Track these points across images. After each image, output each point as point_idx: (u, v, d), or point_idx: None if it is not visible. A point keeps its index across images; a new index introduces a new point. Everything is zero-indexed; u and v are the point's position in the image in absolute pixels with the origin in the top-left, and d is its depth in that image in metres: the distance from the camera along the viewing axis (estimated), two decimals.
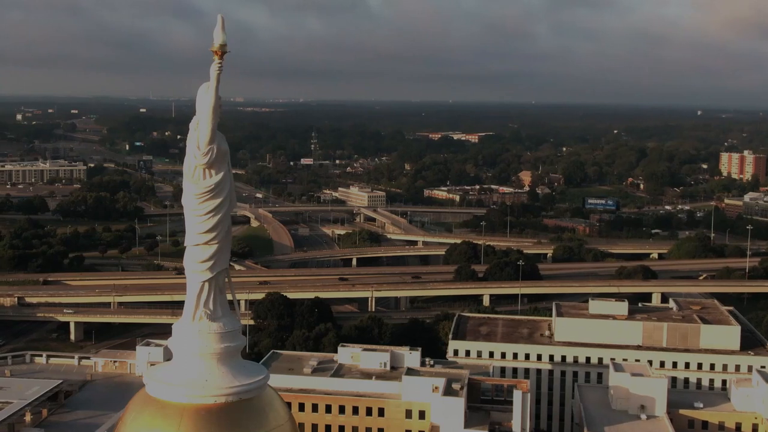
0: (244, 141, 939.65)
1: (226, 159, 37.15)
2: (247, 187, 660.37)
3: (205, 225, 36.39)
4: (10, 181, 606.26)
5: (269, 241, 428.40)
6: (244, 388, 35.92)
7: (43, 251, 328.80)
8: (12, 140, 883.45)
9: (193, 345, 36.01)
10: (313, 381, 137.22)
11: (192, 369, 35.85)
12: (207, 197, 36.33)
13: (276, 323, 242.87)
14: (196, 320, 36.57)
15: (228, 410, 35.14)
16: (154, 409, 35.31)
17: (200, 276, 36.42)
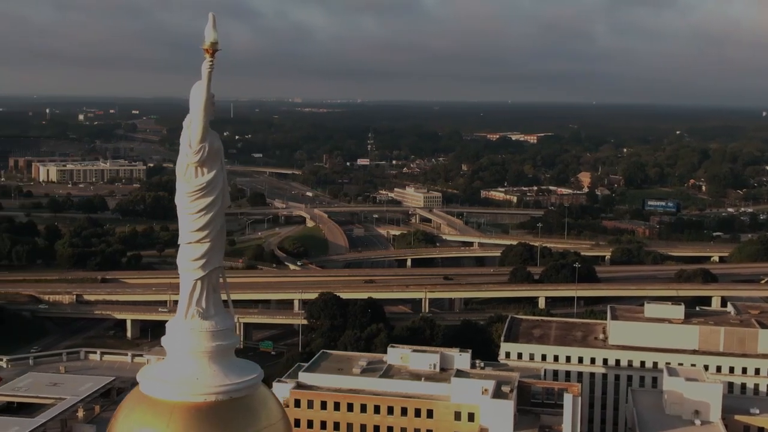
0: (302, 141, 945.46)
1: (219, 157, 37.07)
2: (304, 187, 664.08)
3: (197, 223, 36.29)
4: (72, 181, 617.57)
5: (324, 241, 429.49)
6: (234, 387, 35.66)
7: (101, 250, 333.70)
8: (74, 140, 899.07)
9: (184, 343, 36.05)
10: (362, 381, 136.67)
11: (183, 367, 35.87)
12: (198, 195, 36.24)
13: (329, 323, 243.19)
14: (188, 318, 36.55)
15: (218, 409, 34.97)
16: (145, 406, 35.43)
17: (192, 274, 36.42)
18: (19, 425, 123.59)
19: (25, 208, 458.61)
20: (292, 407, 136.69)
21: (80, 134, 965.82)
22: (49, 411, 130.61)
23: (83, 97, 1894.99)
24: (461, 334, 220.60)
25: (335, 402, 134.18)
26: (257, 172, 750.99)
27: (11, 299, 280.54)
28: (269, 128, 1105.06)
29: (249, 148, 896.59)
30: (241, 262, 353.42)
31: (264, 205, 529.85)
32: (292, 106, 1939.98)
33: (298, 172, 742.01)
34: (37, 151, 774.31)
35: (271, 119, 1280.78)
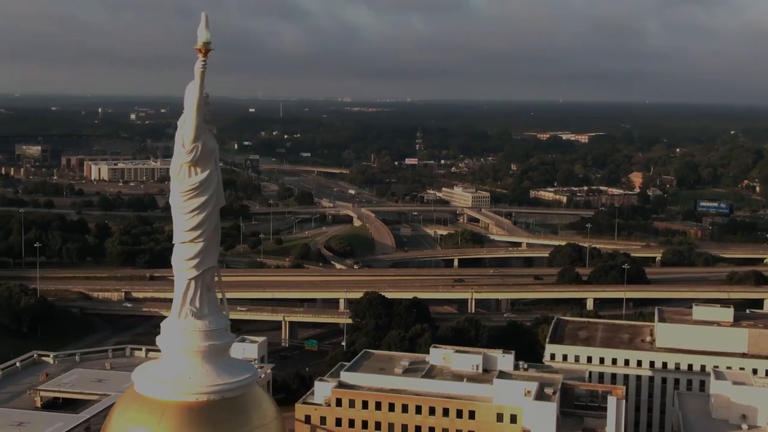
0: (350, 141, 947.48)
1: (213, 157, 36.61)
2: (351, 186, 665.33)
3: (190, 223, 36.50)
4: (122, 179, 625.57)
5: (371, 240, 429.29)
6: (227, 387, 35.74)
7: (150, 247, 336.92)
8: (125, 139, 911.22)
9: (178, 342, 35.87)
10: (404, 381, 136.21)
11: (176, 366, 36.22)
12: (191, 195, 36.06)
13: (374, 323, 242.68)
14: (182, 318, 36.41)
15: (209, 408, 34.97)
16: (138, 405, 35.62)
17: (186, 274, 36.16)
18: (63, 421, 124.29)
19: (76, 207, 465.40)
20: (333, 406, 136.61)
21: (132, 133, 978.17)
22: (93, 407, 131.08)
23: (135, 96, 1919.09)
24: (507, 335, 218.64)
25: (377, 402, 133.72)
26: (305, 172, 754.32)
27: (61, 296, 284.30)
28: (318, 127, 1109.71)
29: (297, 148, 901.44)
30: (288, 261, 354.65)
31: (311, 205, 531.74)
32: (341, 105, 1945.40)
33: (346, 171, 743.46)
34: (89, 150, 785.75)
35: (319, 119, 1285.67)
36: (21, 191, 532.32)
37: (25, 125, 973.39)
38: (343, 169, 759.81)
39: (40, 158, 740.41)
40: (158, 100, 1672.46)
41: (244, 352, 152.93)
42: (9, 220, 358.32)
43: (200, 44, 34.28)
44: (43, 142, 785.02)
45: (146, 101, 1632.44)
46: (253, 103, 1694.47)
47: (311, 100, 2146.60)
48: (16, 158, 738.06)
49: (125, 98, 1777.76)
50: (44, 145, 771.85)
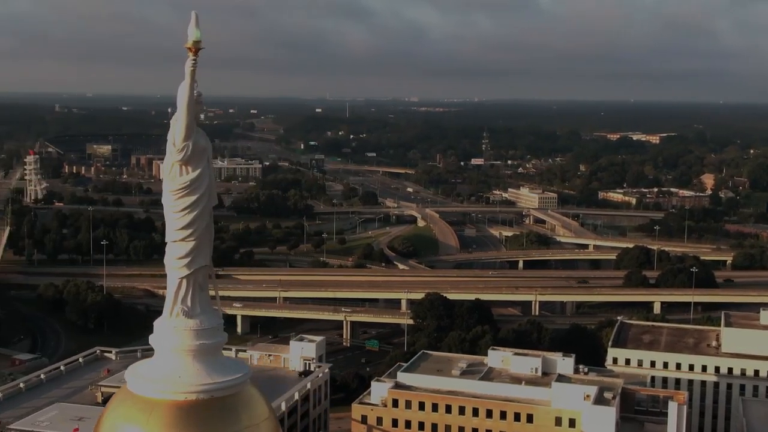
0: (416, 141, 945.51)
1: (205, 156, 36.43)
2: (412, 185, 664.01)
3: (181, 222, 36.20)
4: None
5: (435, 241, 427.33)
6: (216, 386, 35.52)
7: (215, 246, 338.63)
8: None
9: (169, 341, 36.07)
10: (461, 383, 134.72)
11: (167, 365, 36.00)
12: (182, 194, 36.00)
13: (435, 323, 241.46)
14: (173, 316, 36.28)
15: (198, 407, 34.82)
16: (129, 403, 35.57)
17: (178, 273, 36.13)
18: None
19: (144, 205, 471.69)
20: (389, 407, 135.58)
21: None
22: None
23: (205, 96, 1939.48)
24: (569, 338, 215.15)
25: (433, 403, 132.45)
26: (370, 171, 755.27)
27: (127, 293, 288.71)
28: (384, 127, 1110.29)
29: (363, 148, 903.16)
30: (351, 261, 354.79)
31: (376, 205, 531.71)
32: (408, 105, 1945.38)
33: (411, 171, 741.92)
34: (158, 149, 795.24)
35: (386, 118, 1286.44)
36: (91, 190, 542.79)
37: (97, 125, 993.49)
38: (408, 169, 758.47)
39: (110, 157, 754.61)
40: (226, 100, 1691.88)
41: (303, 351, 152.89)
42: (78, 218, 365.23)
43: (190, 43, 34.15)
44: (113, 141, 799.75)
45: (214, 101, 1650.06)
46: (321, 104, 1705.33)
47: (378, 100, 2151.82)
48: (87, 157, 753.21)
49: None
50: (114, 144, 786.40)
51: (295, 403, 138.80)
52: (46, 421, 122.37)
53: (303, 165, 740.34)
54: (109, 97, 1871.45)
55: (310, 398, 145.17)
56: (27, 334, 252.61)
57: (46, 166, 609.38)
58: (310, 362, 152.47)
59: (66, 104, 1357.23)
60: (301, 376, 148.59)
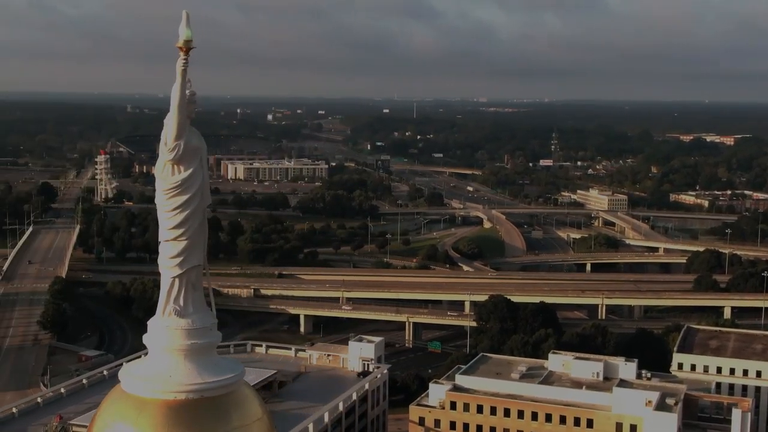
0: (484, 141, 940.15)
1: (198, 155, 36.44)
2: (483, 188, 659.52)
3: (173, 221, 36.27)
4: (257, 179, 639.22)
5: (500, 243, 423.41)
6: (207, 386, 35.30)
7: (279, 246, 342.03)
8: (261, 139, 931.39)
9: (161, 340, 36.08)
10: (520, 387, 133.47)
11: (159, 364, 36.01)
12: (174, 193, 36.08)
13: (498, 326, 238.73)
14: (165, 316, 36.42)
15: (188, 407, 34.73)
16: (121, 401, 35.65)
17: (170, 272, 36.32)
18: None
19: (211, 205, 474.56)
20: (447, 409, 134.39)
21: (268, 133, 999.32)
22: None
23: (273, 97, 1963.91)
24: (635, 342, 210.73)
25: (492, 406, 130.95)
26: (437, 172, 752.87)
27: None
28: (451, 128, 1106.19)
29: (430, 148, 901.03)
30: (415, 262, 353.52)
31: (441, 206, 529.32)
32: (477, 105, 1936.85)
33: (479, 172, 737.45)
34: (227, 149, 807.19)
35: (454, 119, 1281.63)
36: None
37: None
38: (475, 170, 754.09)
39: None
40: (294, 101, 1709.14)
41: (361, 352, 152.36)
42: (146, 217, 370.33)
43: (181, 42, 34.26)
44: None
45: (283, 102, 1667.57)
46: (389, 104, 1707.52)
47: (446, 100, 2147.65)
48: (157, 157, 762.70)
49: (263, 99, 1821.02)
50: None
51: (352, 404, 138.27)
52: None
53: (369, 165, 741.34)
54: None
55: (368, 399, 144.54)
56: (94, 331, 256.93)
57: (116, 166, 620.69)
58: (369, 363, 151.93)
59: (137, 105, 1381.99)
60: (360, 377, 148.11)
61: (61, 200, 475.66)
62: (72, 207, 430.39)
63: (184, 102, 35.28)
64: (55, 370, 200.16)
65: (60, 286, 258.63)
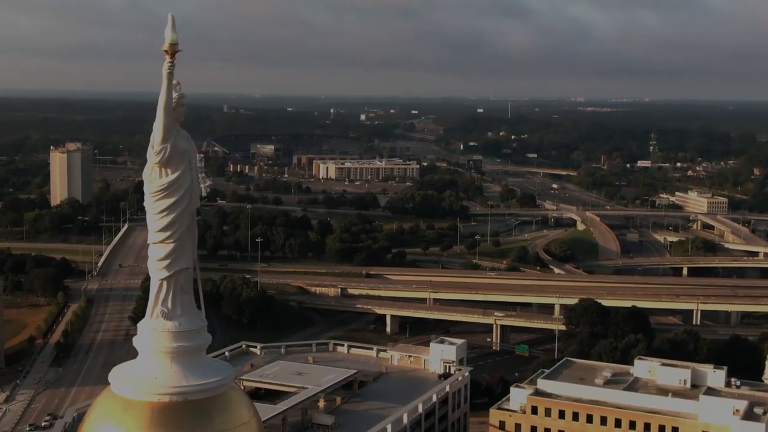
0: (580, 141, 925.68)
1: (186, 158, 37.02)
2: (579, 189, 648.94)
3: (160, 224, 36.32)
4: (348, 178, 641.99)
5: (594, 245, 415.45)
6: (191, 389, 35.18)
7: (368, 245, 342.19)
8: (353, 139, 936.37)
9: (148, 342, 36.03)
10: (604, 393, 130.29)
11: (146, 366, 35.99)
12: (160, 196, 36.22)
13: (588, 330, 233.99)
14: (153, 318, 36.52)
15: (171, 409, 34.77)
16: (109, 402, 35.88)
17: (158, 274, 36.99)
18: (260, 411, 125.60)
19: (302, 204, 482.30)
20: (528, 413, 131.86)
21: (360, 133, 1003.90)
22: (291, 399, 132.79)
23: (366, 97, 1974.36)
24: (728, 349, 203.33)
25: (574, 412, 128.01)
26: (530, 173, 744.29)
27: (282, 289, 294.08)
28: (547, 128, 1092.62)
29: (524, 148, 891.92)
30: (505, 264, 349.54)
31: (534, 207, 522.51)
32: (574, 105, 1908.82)
33: (574, 173, 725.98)
34: (319, 149, 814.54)
35: (549, 119, 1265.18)
36: (252, 188, 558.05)
37: (262, 125, 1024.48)
38: (570, 170, 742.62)
39: (273, 157, 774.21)
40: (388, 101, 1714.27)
41: (443, 354, 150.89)
42: (238, 216, 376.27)
43: (167, 45, 34.47)
44: (276, 141, 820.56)
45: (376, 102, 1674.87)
46: (483, 104, 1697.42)
47: (542, 100, 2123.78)
48: (251, 156, 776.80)
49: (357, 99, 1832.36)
50: (277, 144, 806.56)
51: (432, 406, 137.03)
52: None
53: (461, 165, 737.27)
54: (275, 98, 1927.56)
55: (448, 401, 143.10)
56: None
57: (211, 165, 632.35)
58: (450, 365, 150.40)
59: (234, 105, 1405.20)
60: (441, 379, 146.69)
61: None
62: None
63: (170, 105, 35.90)
64: None
65: None
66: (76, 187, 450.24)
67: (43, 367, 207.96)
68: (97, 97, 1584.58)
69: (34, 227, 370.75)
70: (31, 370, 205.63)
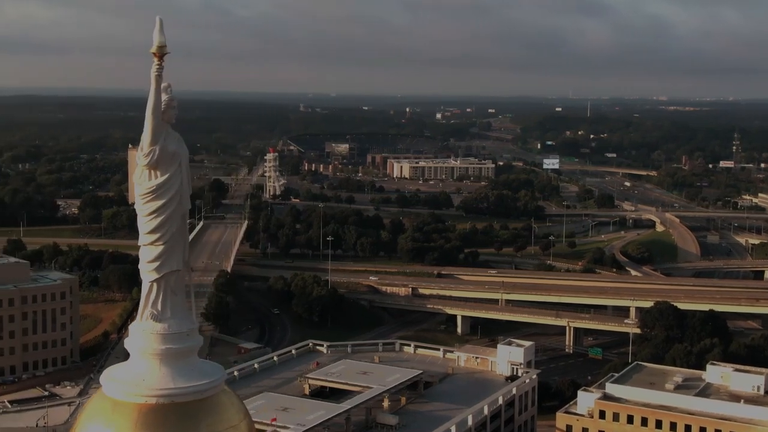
0: (661, 141, 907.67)
1: (176, 161, 36.63)
2: (658, 190, 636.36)
3: (149, 226, 36.57)
4: (422, 177, 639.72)
5: (673, 247, 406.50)
6: (178, 391, 35.34)
7: (440, 245, 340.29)
8: (429, 138, 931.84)
9: (138, 344, 36.29)
10: (674, 398, 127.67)
11: (135, 368, 36.46)
12: (149, 198, 36.35)
13: (663, 334, 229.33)
14: (144, 320, 36.53)
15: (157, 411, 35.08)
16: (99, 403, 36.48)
17: (148, 276, 36.66)
18: (325, 409, 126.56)
19: (374, 203, 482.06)
20: (596, 418, 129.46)
21: (436, 132, 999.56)
22: (355, 398, 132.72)
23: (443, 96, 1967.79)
24: None
25: (642, 417, 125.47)
26: (609, 173, 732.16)
27: (352, 288, 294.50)
28: (627, 127, 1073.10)
29: (603, 148, 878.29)
30: (580, 265, 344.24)
31: (612, 207, 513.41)
32: (656, 104, 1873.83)
33: (653, 173, 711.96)
34: (394, 148, 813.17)
35: (630, 118, 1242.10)
36: (326, 187, 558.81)
37: (337, 124, 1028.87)
38: (650, 171, 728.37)
39: (347, 155, 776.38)
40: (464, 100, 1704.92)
41: (510, 356, 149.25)
42: (311, 214, 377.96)
43: (155, 48, 34.71)
44: (351, 140, 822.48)
45: (453, 101, 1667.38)
46: (562, 103, 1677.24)
47: (623, 98, 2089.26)
48: (325, 155, 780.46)
49: (433, 98, 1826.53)
50: (352, 143, 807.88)
51: (498, 408, 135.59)
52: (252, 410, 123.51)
53: (538, 165, 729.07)
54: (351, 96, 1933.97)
55: (515, 404, 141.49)
56: (255, 324, 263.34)
57: (286, 164, 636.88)
58: (518, 367, 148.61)
59: (310, 104, 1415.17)
60: (508, 381, 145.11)
61: (231, 196, 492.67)
62: (241, 203, 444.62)
63: (158, 107, 36.34)
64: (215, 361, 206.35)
65: (224, 280, 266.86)
66: None
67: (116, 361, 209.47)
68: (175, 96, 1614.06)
69: (112, 224, 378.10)
70: (105, 365, 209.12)
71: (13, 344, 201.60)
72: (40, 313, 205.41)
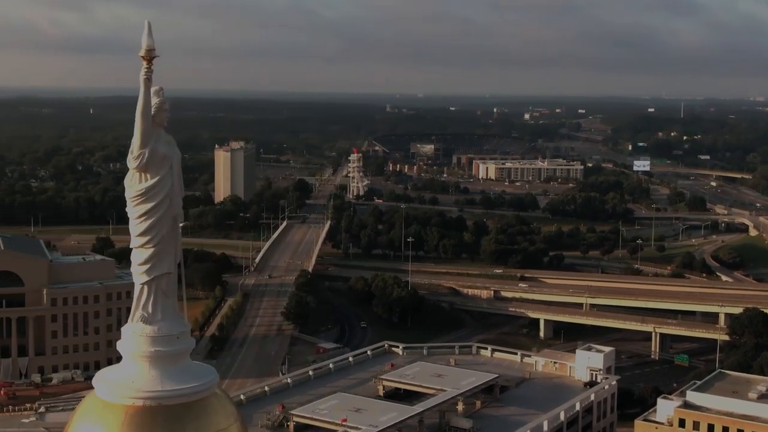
0: (757, 143, 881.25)
1: (167, 164, 36.53)
2: (753, 193, 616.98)
3: (138, 228, 36.53)
4: (508, 179, 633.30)
5: (767, 252, 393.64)
6: (165, 394, 35.26)
7: (524, 247, 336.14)
8: (516, 139, 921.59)
9: (128, 346, 36.27)
10: (758, 407, 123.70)
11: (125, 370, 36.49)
12: (139, 201, 36.30)
13: (753, 341, 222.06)
14: (135, 322, 36.38)
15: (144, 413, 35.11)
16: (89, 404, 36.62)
17: (139, 278, 36.57)
18: (398, 411, 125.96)
19: (459, 204, 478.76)
20: (675, 426, 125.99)
21: (523, 133, 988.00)
22: (429, 401, 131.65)
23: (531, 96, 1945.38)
24: None
25: (723, 426, 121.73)
26: (702, 175, 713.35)
27: (433, 290, 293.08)
28: (722, 128, 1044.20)
29: (696, 149, 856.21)
30: (668, 270, 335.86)
31: (704, 211, 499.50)
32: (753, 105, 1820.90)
33: (748, 176, 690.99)
34: (480, 149, 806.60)
35: (725, 119, 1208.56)
36: (410, 188, 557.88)
37: (423, 124, 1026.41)
38: (745, 173, 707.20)
39: (432, 156, 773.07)
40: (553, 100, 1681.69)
41: (589, 361, 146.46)
42: (393, 215, 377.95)
43: (143, 52, 34.71)
44: (436, 141, 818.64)
45: (541, 101, 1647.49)
46: (655, 103, 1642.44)
47: (718, 99, 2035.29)
48: (410, 156, 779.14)
49: (521, 98, 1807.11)
50: (438, 144, 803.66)
51: (575, 414, 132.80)
52: (325, 410, 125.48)
53: (628, 167, 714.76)
54: (438, 97, 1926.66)
55: (593, 410, 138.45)
56: (335, 324, 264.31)
57: (371, 164, 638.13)
58: (597, 373, 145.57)
59: (397, 105, 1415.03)
60: (586, 387, 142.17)
61: (315, 197, 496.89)
62: (324, 203, 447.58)
63: (148, 110, 36.41)
64: (293, 360, 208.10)
65: (305, 280, 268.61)
66: (238, 185, 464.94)
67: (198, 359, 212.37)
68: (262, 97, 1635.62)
69: (198, 223, 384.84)
70: None
71: (98, 340, 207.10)
72: (125, 309, 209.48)
